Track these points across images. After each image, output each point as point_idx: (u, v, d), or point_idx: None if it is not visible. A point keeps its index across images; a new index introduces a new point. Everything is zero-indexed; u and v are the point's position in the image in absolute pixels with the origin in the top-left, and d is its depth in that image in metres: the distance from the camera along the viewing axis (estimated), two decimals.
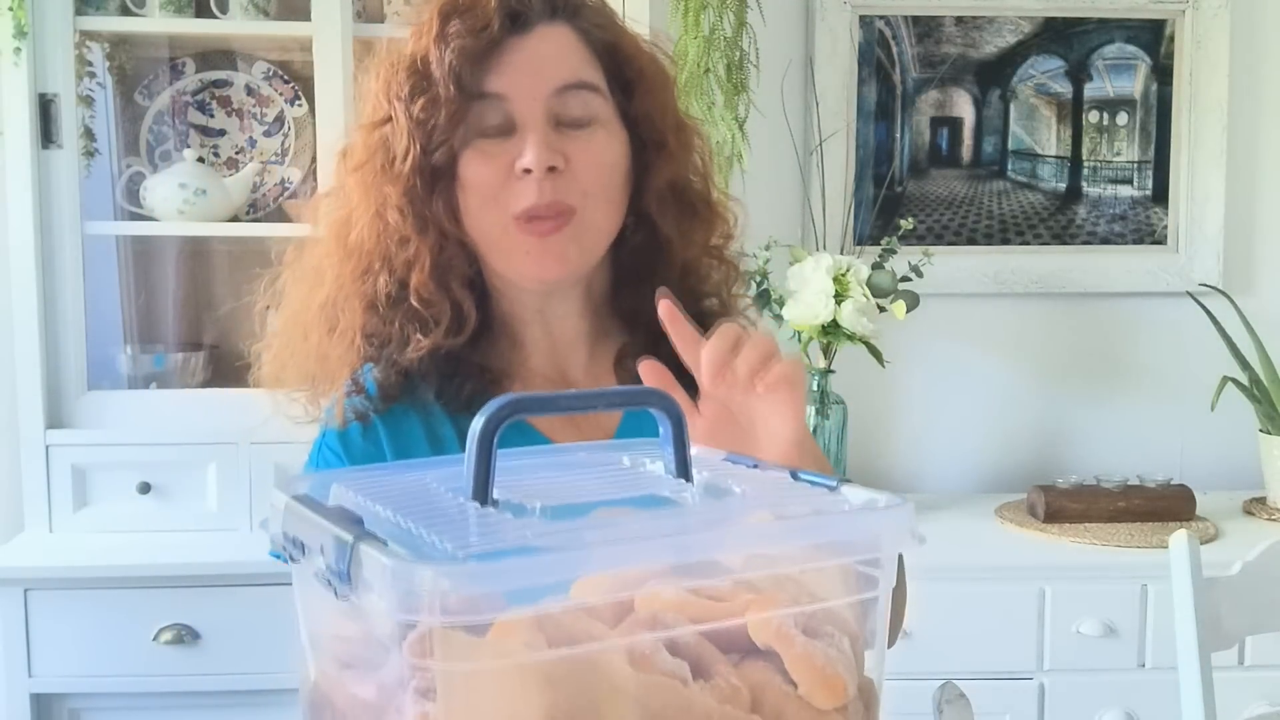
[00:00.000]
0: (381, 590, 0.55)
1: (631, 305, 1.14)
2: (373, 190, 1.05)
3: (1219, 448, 2.50)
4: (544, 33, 1.04)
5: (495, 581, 0.55)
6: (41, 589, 1.96)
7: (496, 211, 1.03)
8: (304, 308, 1.10)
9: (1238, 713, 1.75)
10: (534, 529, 0.61)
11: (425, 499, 0.65)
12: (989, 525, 2.26)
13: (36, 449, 2.07)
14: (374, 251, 1.06)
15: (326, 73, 2.09)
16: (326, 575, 0.60)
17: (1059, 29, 2.52)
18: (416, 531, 0.60)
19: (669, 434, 0.71)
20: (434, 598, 0.54)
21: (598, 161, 1.05)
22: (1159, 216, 2.56)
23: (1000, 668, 2.03)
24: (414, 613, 0.54)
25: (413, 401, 1.08)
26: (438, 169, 1.03)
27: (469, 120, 1.02)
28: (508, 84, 1.02)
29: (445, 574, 0.54)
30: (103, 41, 2.20)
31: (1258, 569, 1.63)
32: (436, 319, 1.05)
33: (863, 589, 0.66)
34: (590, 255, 1.08)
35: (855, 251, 2.44)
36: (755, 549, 0.64)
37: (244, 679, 1.97)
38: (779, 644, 0.62)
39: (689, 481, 0.70)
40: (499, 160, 1.03)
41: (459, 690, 0.57)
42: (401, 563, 0.55)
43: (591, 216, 1.05)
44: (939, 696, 1.24)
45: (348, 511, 0.63)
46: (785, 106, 2.41)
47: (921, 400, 2.53)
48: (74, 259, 2.08)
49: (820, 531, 0.65)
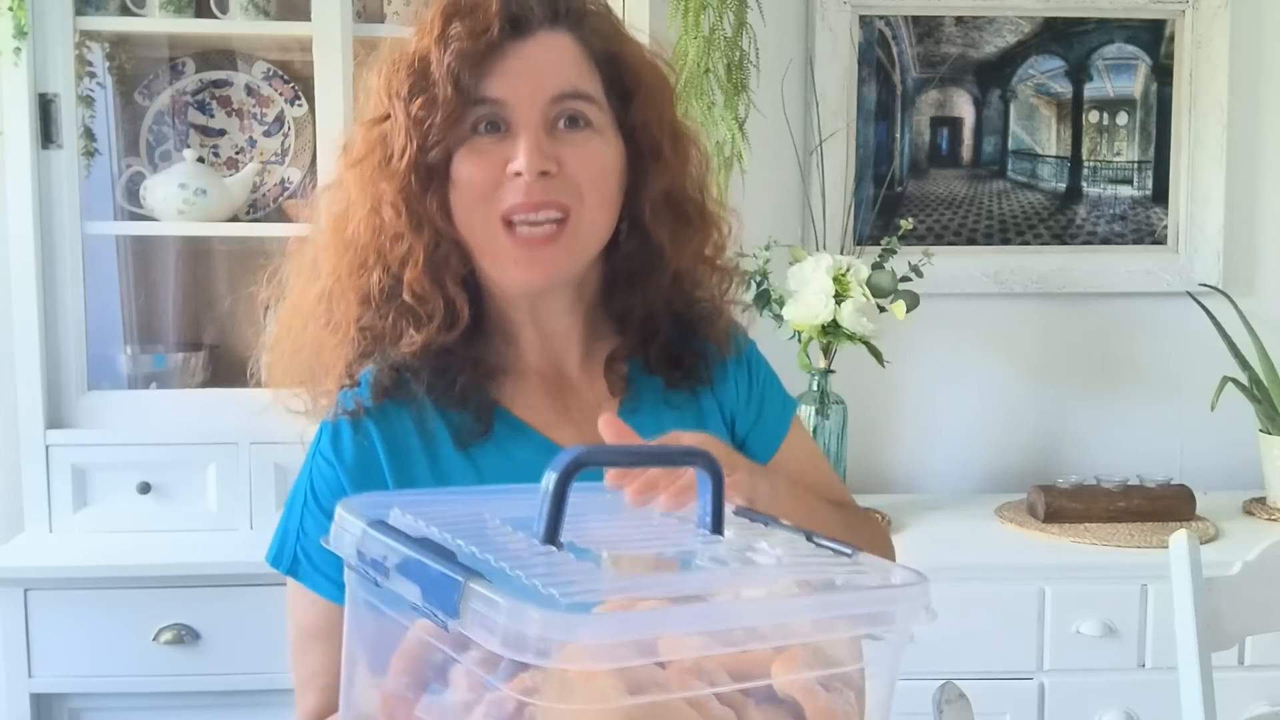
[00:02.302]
0: (493, 627, 0.60)
1: (623, 308, 1.15)
2: (369, 186, 1.06)
3: (1219, 448, 2.50)
4: (544, 39, 1.04)
5: (601, 632, 0.60)
6: (41, 589, 1.96)
7: (486, 212, 1.04)
8: (302, 299, 1.11)
9: (1238, 713, 1.75)
10: (622, 582, 0.68)
11: (495, 536, 0.70)
12: (989, 525, 2.26)
13: (36, 449, 2.07)
14: (369, 246, 1.07)
15: (326, 73, 2.09)
16: (426, 605, 0.64)
17: (1059, 29, 2.52)
18: (512, 573, 0.64)
19: (707, 491, 0.78)
20: (546, 642, 0.58)
21: (592, 164, 1.05)
22: (1159, 216, 2.56)
23: (1000, 668, 2.03)
24: (522, 652, 0.58)
25: (404, 397, 1.08)
26: (433, 167, 1.04)
27: (465, 121, 1.03)
28: (505, 89, 1.03)
29: (558, 622, 0.58)
30: (103, 41, 2.20)
31: (1258, 569, 1.63)
32: (429, 315, 1.06)
33: (870, 651, 0.71)
34: (580, 259, 1.08)
35: (855, 251, 2.44)
36: (787, 619, 0.69)
37: (244, 679, 1.97)
38: (803, 697, 0.67)
39: (720, 540, 0.77)
40: (492, 159, 1.03)
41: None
42: (517, 604, 0.59)
43: (585, 218, 1.05)
44: (939, 696, 1.24)
45: (438, 545, 0.67)
46: (785, 106, 2.41)
47: (921, 400, 2.53)
48: (74, 259, 2.08)
49: (848, 606, 0.70)
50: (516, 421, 1.09)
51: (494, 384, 1.10)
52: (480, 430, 1.08)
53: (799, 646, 0.68)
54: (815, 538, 0.78)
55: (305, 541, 1.08)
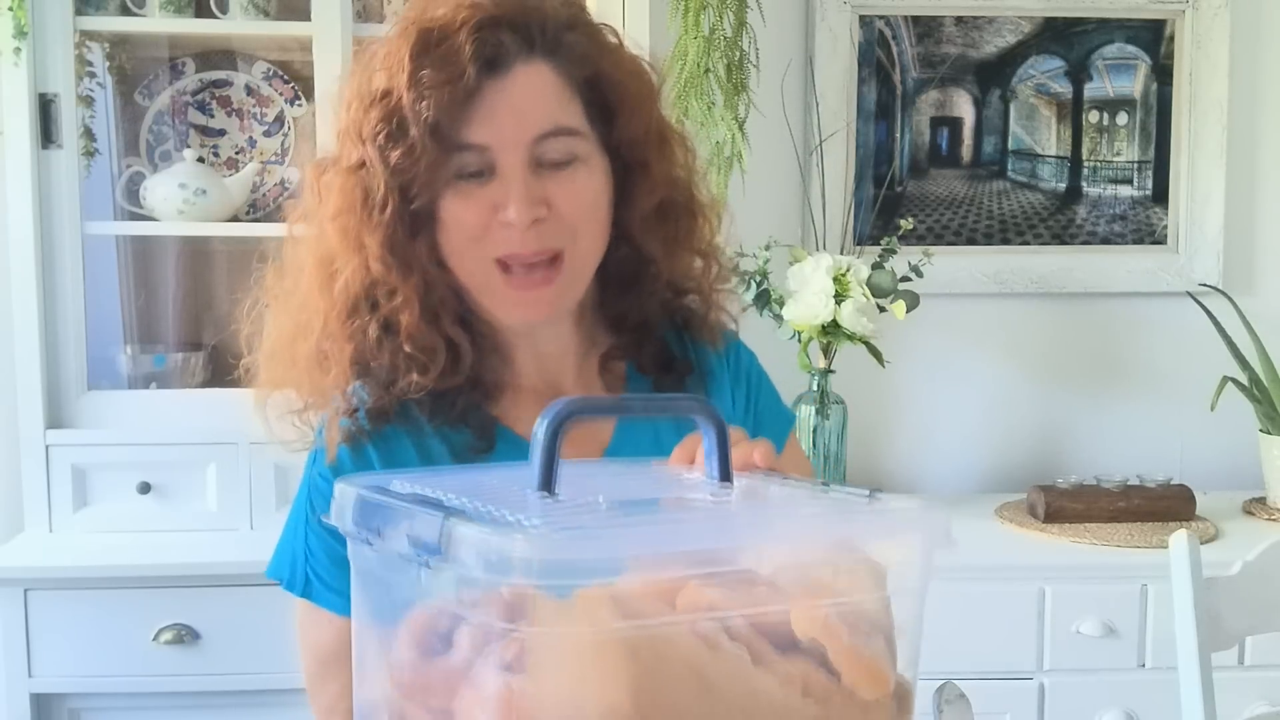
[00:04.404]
0: (475, 559, 0.60)
1: (618, 309, 1.14)
2: (353, 239, 1.03)
3: (1219, 448, 2.50)
4: (521, 75, 1.00)
5: (583, 549, 0.60)
6: (41, 589, 1.96)
7: (478, 253, 1.02)
8: (290, 342, 1.07)
9: (1238, 713, 1.75)
10: (610, 511, 0.67)
11: (491, 492, 0.70)
12: (989, 525, 2.25)
13: (36, 449, 2.07)
14: (360, 296, 1.04)
15: (326, 73, 2.09)
16: (414, 551, 0.64)
17: (1059, 29, 2.52)
18: (498, 514, 0.64)
19: (712, 441, 0.76)
20: (527, 563, 0.58)
21: (581, 200, 1.03)
22: (1159, 216, 2.56)
23: (1000, 668, 2.03)
24: (506, 575, 0.59)
25: (402, 420, 1.06)
26: (418, 213, 1.01)
27: (448, 167, 1.00)
28: (488, 135, 1.00)
29: (537, 541, 0.59)
30: (103, 41, 2.20)
31: (1258, 569, 1.63)
32: (432, 361, 1.04)
33: (894, 590, 0.70)
34: (577, 291, 1.07)
35: (855, 251, 2.44)
36: (799, 540, 0.68)
37: (244, 679, 1.97)
38: (825, 636, 0.65)
39: (730, 485, 0.75)
40: (480, 203, 1.01)
41: (548, 657, 0.61)
42: (496, 530, 0.60)
43: (579, 255, 1.04)
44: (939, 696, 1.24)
45: (428, 497, 0.68)
46: (785, 106, 2.41)
47: (921, 400, 2.53)
48: (74, 259, 2.08)
49: (861, 529, 0.69)
50: (516, 438, 1.08)
51: (490, 403, 1.09)
52: (483, 447, 1.06)
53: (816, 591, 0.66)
54: (832, 485, 0.77)
55: (314, 562, 1.07)
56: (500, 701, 0.61)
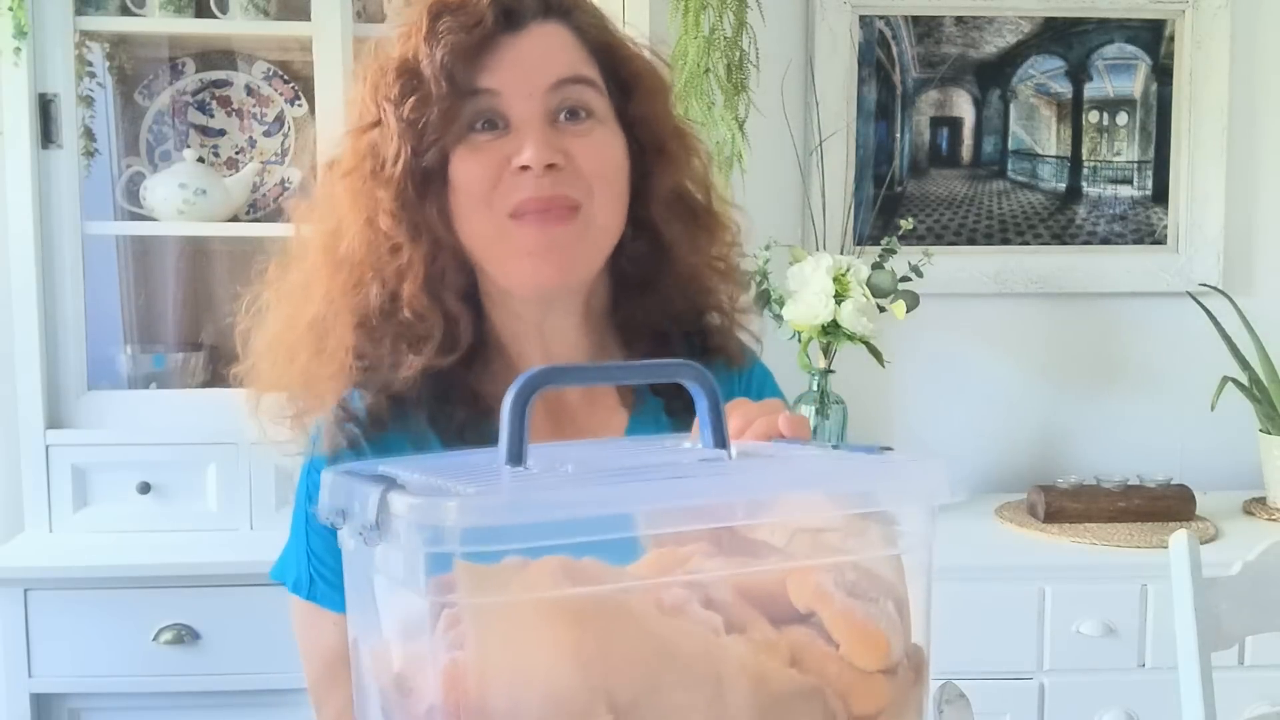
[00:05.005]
0: (407, 531, 0.57)
1: (631, 317, 1.10)
2: (362, 196, 1.01)
3: (1219, 448, 2.50)
4: (537, 31, 1.00)
5: (512, 514, 0.57)
6: (41, 589, 1.96)
7: (489, 212, 0.99)
8: (290, 327, 1.05)
9: (1238, 713, 1.75)
10: (573, 478, 0.63)
11: (464, 467, 0.67)
12: (989, 525, 2.25)
13: (36, 449, 2.07)
14: (365, 262, 1.01)
15: (326, 73, 2.09)
16: (360, 529, 0.62)
17: (1059, 29, 2.52)
18: (447, 486, 0.61)
19: (705, 408, 0.69)
20: (455, 531, 0.55)
21: (599, 155, 1.01)
22: (1159, 216, 2.56)
23: (1000, 668, 2.03)
24: (437, 544, 0.56)
25: (404, 429, 1.03)
26: (429, 171, 0.99)
27: (461, 118, 0.98)
28: (502, 80, 0.98)
29: (464, 507, 0.56)
30: (103, 41, 2.20)
31: (1258, 569, 1.63)
32: (428, 334, 1.01)
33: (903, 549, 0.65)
34: (593, 258, 1.03)
35: (855, 251, 2.44)
36: (776, 494, 0.64)
37: (244, 679, 1.97)
38: (818, 603, 0.62)
39: (727, 453, 0.69)
40: (492, 156, 0.98)
41: (488, 627, 0.58)
42: (424, 499, 0.57)
43: (596, 213, 1.00)
44: (939, 696, 1.24)
45: (384, 474, 0.65)
46: (785, 106, 2.41)
47: (921, 400, 2.53)
48: (74, 259, 2.08)
49: (846, 481, 0.64)
50: None
51: (492, 417, 1.05)
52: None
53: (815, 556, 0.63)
54: (842, 446, 0.73)
55: (317, 563, 1.05)
56: (445, 676, 0.58)
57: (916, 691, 0.65)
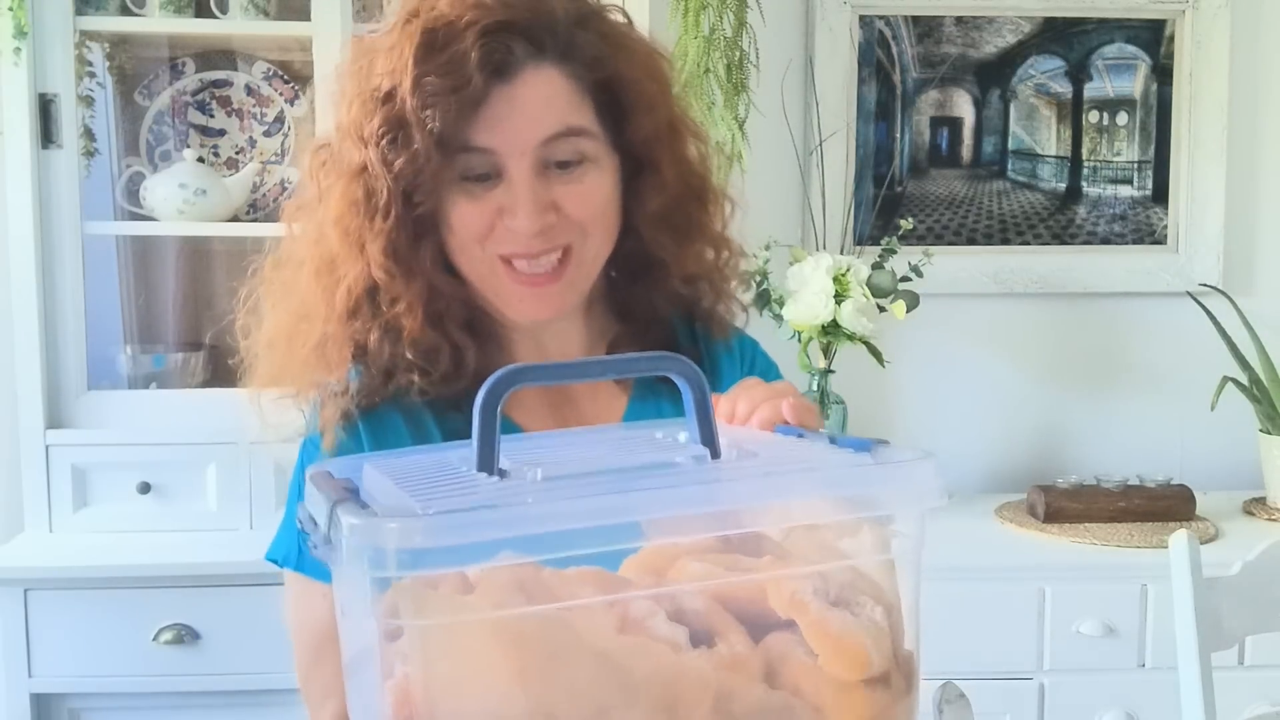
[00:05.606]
0: (352, 550, 0.56)
1: (625, 298, 1.13)
2: (354, 241, 1.01)
3: (1219, 448, 2.50)
4: (530, 79, 0.98)
5: (451, 535, 0.55)
6: (41, 589, 1.96)
7: (483, 253, 1.01)
8: (288, 342, 1.06)
9: (1238, 713, 1.75)
10: (518, 485, 0.60)
11: (440, 473, 0.65)
12: (989, 525, 2.25)
13: (36, 449, 2.07)
14: (362, 299, 1.03)
15: (326, 73, 2.08)
16: (316, 542, 0.60)
17: (1059, 29, 2.52)
18: (409, 500, 0.59)
19: (691, 402, 0.67)
20: (397, 554, 0.54)
21: (590, 201, 1.02)
22: (1159, 216, 2.56)
23: (1000, 668, 2.03)
24: (381, 568, 0.54)
25: (395, 400, 1.05)
26: (421, 217, 1.00)
27: (453, 170, 0.99)
28: (494, 139, 0.98)
29: (404, 528, 0.54)
30: (103, 41, 2.20)
31: (1258, 569, 1.63)
32: (434, 364, 1.03)
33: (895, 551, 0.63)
34: (584, 287, 1.06)
35: (855, 251, 2.44)
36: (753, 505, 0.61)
37: (244, 679, 1.97)
38: (794, 612, 0.60)
39: (714, 449, 0.67)
40: (486, 205, 1.00)
41: (431, 647, 0.57)
42: (367, 519, 0.55)
43: (587, 252, 1.03)
44: (939, 696, 1.23)
45: (347, 482, 0.63)
46: (785, 106, 2.41)
47: (921, 400, 2.53)
48: (74, 259, 2.08)
49: (825, 485, 0.62)
50: (516, 429, 1.06)
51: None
52: None
53: (800, 561, 0.61)
54: (839, 439, 0.71)
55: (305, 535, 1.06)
56: (394, 692, 0.58)
57: (907, 701, 0.63)
